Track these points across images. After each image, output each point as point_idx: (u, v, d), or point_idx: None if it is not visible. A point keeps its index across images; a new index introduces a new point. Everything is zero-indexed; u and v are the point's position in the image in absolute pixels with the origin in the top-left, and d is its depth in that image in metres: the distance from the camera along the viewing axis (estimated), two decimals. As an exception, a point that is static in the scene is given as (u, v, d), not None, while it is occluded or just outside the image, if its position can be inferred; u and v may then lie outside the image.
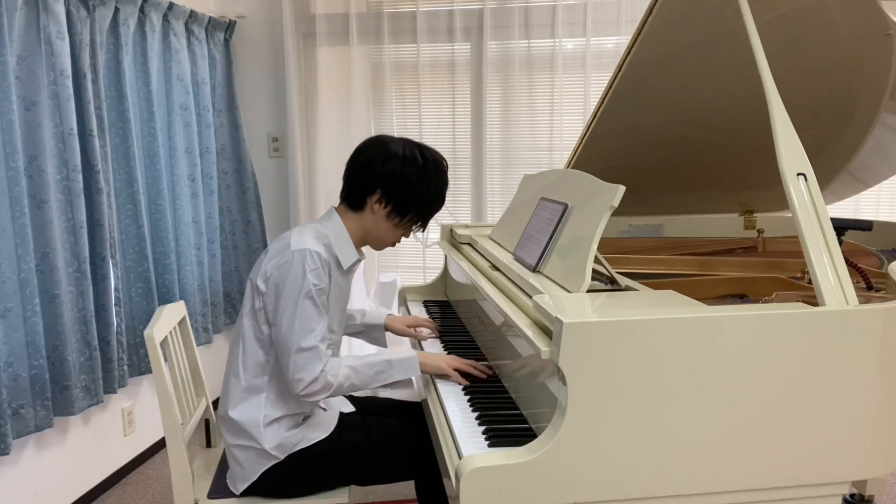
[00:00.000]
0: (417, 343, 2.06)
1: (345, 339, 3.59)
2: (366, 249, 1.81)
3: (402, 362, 1.69)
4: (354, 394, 2.04)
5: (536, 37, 3.39)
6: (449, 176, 1.75)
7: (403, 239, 1.79)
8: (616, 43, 3.35)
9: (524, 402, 1.51)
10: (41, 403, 2.29)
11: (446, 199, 1.76)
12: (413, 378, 1.73)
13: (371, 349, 3.45)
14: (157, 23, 2.90)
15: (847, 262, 1.50)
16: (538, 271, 1.68)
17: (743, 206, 2.56)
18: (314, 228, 1.68)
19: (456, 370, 1.69)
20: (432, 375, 1.72)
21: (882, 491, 2.65)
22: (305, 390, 1.59)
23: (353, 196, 1.71)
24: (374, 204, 1.68)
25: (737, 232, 2.58)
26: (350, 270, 1.77)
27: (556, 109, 3.42)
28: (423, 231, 1.80)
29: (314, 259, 1.59)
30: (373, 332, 2.10)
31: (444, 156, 1.76)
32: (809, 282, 1.59)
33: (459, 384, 1.67)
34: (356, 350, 3.48)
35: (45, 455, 2.44)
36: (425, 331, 2.09)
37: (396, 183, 1.66)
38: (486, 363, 1.75)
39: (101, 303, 2.56)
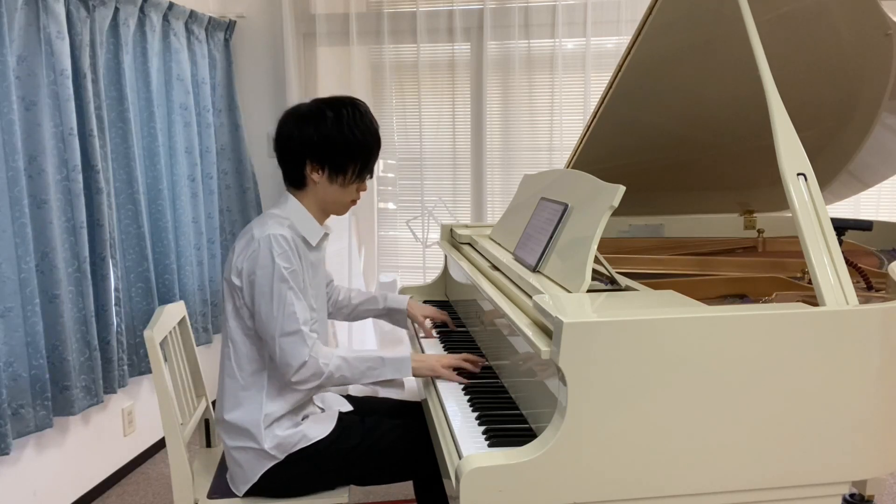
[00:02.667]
0: (418, 344, 2.06)
1: (343, 327, 3.59)
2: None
3: (395, 362, 1.70)
4: (353, 394, 2.04)
5: (536, 37, 3.39)
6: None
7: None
8: (616, 43, 3.35)
9: (524, 402, 1.51)
10: (41, 403, 2.29)
11: (380, 141, 1.70)
12: (405, 378, 1.73)
13: (370, 341, 3.46)
14: (157, 23, 2.90)
15: (847, 262, 1.50)
16: (538, 271, 1.68)
17: (743, 206, 2.56)
18: (274, 214, 1.69)
19: (449, 366, 1.70)
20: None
21: (882, 491, 2.64)
22: (296, 376, 1.60)
23: (291, 176, 1.71)
24: (312, 175, 1.68)
25: (737, 232, 2.58)
26: (320, 246, 1.77)
27: (556, 109, 3.41)
28: (371, 178, 1.76)
29: (280, 243, 1.60)
30: (395, 315, 2.15)
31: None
32: (809, 282, 1.59)
33: (457, 383, 1.67)
34: (356, 338, 3.49)
35: (45, 455, 2.44)
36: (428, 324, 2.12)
37: (319, 146, 1.64)
38: (486, 363, 1.75)
39: (101, 303, 2.56)
